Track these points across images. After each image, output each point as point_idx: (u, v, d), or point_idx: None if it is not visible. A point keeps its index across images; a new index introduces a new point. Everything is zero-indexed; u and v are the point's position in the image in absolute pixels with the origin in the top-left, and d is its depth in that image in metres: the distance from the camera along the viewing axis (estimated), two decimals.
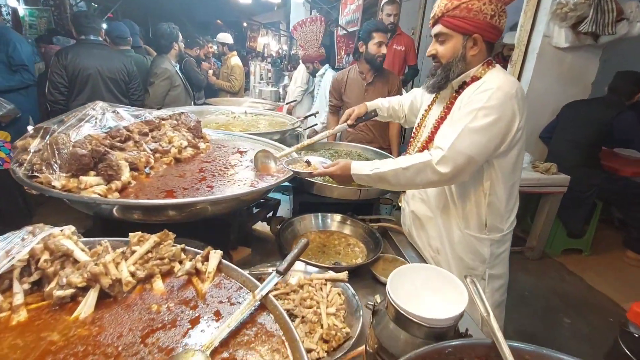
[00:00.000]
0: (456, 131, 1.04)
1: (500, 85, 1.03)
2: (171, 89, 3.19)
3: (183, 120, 1.57)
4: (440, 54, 1.14)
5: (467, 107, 1.06)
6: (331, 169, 1.20)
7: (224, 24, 14.68)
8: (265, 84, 5.10)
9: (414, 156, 1.11)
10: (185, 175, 1.24)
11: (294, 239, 1.39)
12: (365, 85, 2.41)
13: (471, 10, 1.04)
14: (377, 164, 1.15)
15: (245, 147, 1.60)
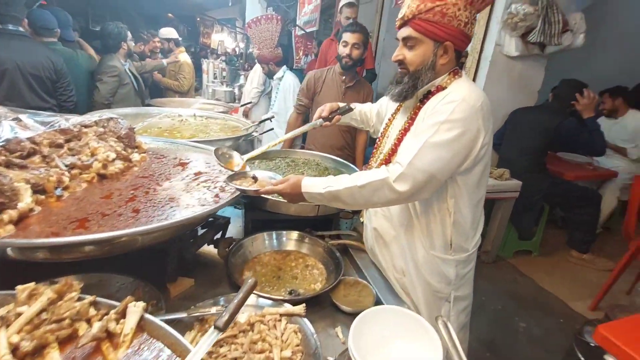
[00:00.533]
0: (417, 146, 0.96)
1: (465, 97, 0.96)
2: (120, 86, 3.05)
3: (111, 127, 1.34)
4: (408, 60, 1.04)
5: (430, 120, 0.98)
6: (280, 186, 1.06)
7: (175, 18, 13.89)
8: (219, 84, 4.80)
9: (370, 173, 1.01)
10: (110, 196, 1.04)
11: (245, 263, 1.24)
12: (344, 88, 2.32)
13: (445, 15, 0.95)
14: (331, 182, 1.04)
15: (189, 157, 1.41)
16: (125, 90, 3.11)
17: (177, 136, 1.90)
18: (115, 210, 0.94)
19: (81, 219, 0.86)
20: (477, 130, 0.97)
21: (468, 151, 0.98)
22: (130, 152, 1.31)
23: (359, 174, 1.04)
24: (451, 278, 1.13)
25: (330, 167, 1.80)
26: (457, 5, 0.95)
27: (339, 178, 1.05)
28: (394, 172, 0.97)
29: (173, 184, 1.12)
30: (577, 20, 2.38)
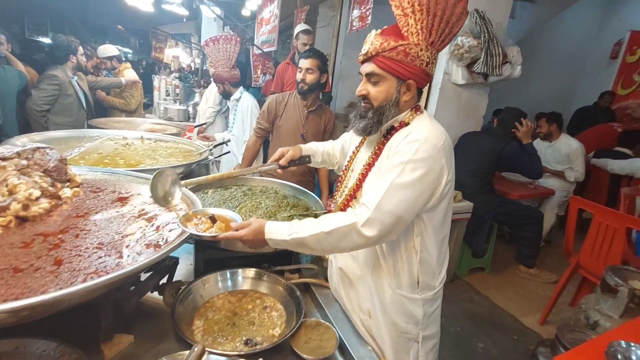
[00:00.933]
0: (383, 187, 0.95)
1: (428, 137, 0.97)
2: (61, 97, 2.99)
3: (37, 159, 1.17)
4: (372, 95, 1.05)
5: (395, 159, 0.98)
6: (241, 232, 1.00)
7: (126, 31, 13.22)
8: (172, 101, 4.57)
9: (337, 217, 0.98)
10: (30, 244, 0.88)
11: (195, 310, 1.11)
12: (306, 112, 2.33)
13: (408, 54, 0.97)
14: (296, 227, 1.00)
15: (131, 190, 1.27)
16: (68, 102, 3.04)
17: (119, 163, 1.73)
18: (33, 264, 0.79)
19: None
20: (441, 169, 0.98)
21: (433, 190, 0.98)
22: (59, 188, 1.15)
23: (325, 219, 1.00)
24: (419, 318, 1.11)
25: (289, 194, 1.74)
26: (419, 46, 0.97)
27: (304, 223, 1.01)
28: (361, 216, 0.95)
29: (107, 226, 0.98)
30: (514, 53, 2.61)
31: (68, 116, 3.04)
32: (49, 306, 0.71)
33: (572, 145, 3.63)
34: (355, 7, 3.85)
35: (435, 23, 0.96)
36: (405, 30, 0.98)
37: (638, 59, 5.53)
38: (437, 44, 0.99)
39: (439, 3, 0.95)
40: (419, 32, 0.97)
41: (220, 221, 1.06)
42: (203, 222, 1.03)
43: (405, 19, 0.97)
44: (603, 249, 2.13)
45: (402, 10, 0.97)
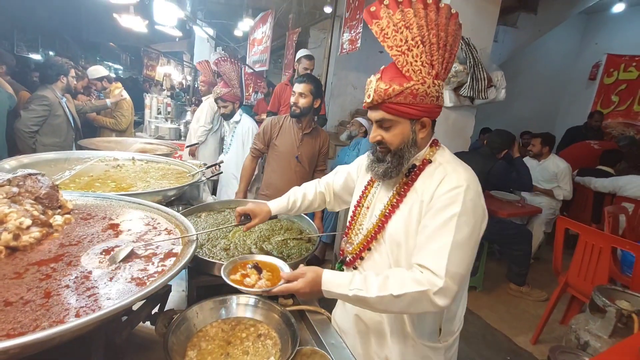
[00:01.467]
0: (445, 249, 0.90)
1: (469, 183, 0.94)
2: (50, 117, 2.98)
3: (28, 186, 1.15)
4: (387, 140, 1.01)
5: (444, 213, 0.93)
6: (297, 284, 0.95)
7: (117, 48, 13.29)
8: (163, 120, 4.57)
9: (405, 279, 0.92)
10: (23, 275, 0.87)
11: (188, 340, 1.09)
12: (301, 135, 2.37)
13: (417, 95, 0.92)
14: (358, 283, 0.93)
15: (122, 216, 1.26)
16: (57, 122, 3.03)
17: (110, 186, 1.71)
18: (22, 297, 0.78)
19: None
20: (483, 214, 0.96)
21: (480, 236, 0.97)
22: (50, 215, 1.14)
23: (392, 279, 0.93)
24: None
25: (283, 218, 1.74)
26: (425, 84, 0.92)
27: (368, 279, 0.95)
28: (433, 283, 0.89)
29: (97, 258, 0.96)
30: (499, 77, 2.72)
31: (57, 137, 3.03)
32: (41, 344, 0.69)
33: (560, 165, 3.76)
34: (346, 31, 3.98)
35: (434, 52, 0.92)
36: (406, 70, 0.92)
37: (615, 80, 5.81)
38: (442, 73, 0.95)
39: (432, 29, 0.91)
40: (420, 68, 0.92)
41: (265, 269, 1.01)
42: (249, 274, 0.99)
43: (403, 58, 0.92)
44: (590, 268, 2.18)
45: (398, 49, 0.92)
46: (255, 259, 1.05)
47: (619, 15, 5.90)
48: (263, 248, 1.40)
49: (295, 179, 2.40)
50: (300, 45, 5.66)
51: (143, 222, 1.22)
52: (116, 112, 3.72)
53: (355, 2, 3.90)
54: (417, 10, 0.91)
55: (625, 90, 5.66)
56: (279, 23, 5.70)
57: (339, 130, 6.09)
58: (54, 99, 2.99)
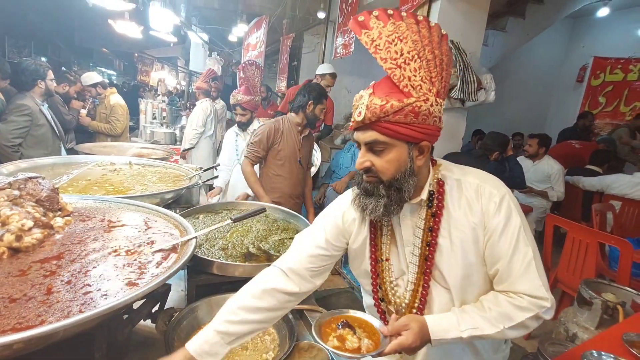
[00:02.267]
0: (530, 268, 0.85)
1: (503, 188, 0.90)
2: (33, 127, 2.71)
3: (30, 189, 1.18)
4: (379, 167, 0.85)
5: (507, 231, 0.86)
6: (407, 340, 0.82)
7: (111, 53, 13.26)
8: (158, 125, 4.58)
9: (511, 311, 0.85)
10: (26, 272, 0.90)
11: (188, 337, 1.12)
12: (301, 138, 2.40)
13: (419, 114, 0.79)
14: (468, 321, 0.85)
15: (120, 218, 1.28)
16: (41, 132, 2.77)
17: (108, 190, 1.73)
18: (26, 294, 0.80)
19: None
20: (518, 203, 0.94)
21: None
22: (51, 217, 1.16)
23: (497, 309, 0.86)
24: None
25: (279, 218, 1.77)
26: (428, 101, 0.79)
27: (472, 315, 0.86)
28: (540, 306, 0.84)
29: (96, 258, 0.99)
30: (488, 80, 2.79)
31: (43, 148, 2.79)
32: (45, 338, 0.72)
33: (554, 167, 3.84)
34: (339, 36, 4.04)
35: (432, 68, 0.81)
36: (404, 85, 0.79)
37: (602, 82, 5.96)
38: (442, 92, 0.83)
39: (426, 46, 0.81)
40: (420, 84, 0.79)
41: (357, 326, 0.91)
42: (344, 335, 0.87)
43: (400, 72, 0.79)
44: (578, 263, 2.24)
45: (393, 62, 0.80)
46: (340, 316, 0.93)
47: (604, 19, 6.07)
48: (260, 247, 1.43)
49: (297, 181, 2.46)
50: (295, 49, 5.73)
51: (142, 223, 1.25)
52: (111, 118, 3.72)
53: (348, 8, 3.97)
54: (409, 24, 0.82)
55: (612, 91, 5.80)
56: (273, 28, 5.76)
57: (334, 134, 6.15)
58: (34, 107, 2.72)
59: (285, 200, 2.38)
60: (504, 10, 5.21)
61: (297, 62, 6.12)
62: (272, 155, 2.37)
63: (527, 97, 7.04)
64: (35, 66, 2.75)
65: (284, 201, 2.35)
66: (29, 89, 2.75)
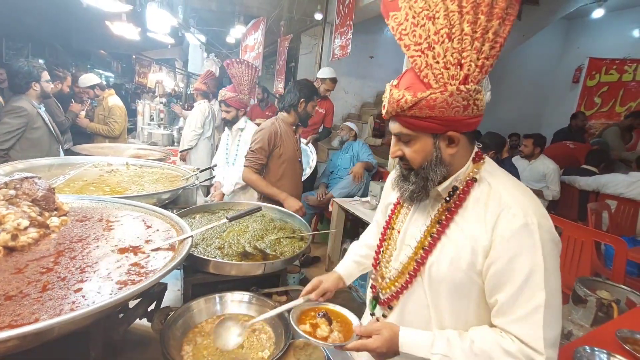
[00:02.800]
0: (536, 315, 0.74)
1: (539, 218, 0.76)
2: (28, 130, 2.64)
3: (26, 189, 1.18)
4: (408, 156, 0.86)
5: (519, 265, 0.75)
6: (373, 343, 0.83)
7: (108, 55, 13.26)
8: (156, 126, 4.59)
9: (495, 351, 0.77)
10: (22, 270, 0.90)
11: (184, 335, 1.13)
12: (297, 138, 2.37)
13: (435, 106, 0.75)
14: (442, 347, 0.80)
15: (117, 217, 1.29)
16: (37, 136, 2.70)
17: (105, 190, 1.74)
18: (22, 291, 0.81)
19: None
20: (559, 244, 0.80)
21: None
22: (47, 217, 1.16)
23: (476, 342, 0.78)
24: None
25: (276, 218, 1.78)
26: (447, 92, 0.74)
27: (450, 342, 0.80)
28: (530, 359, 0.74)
29: (92, 256, 0.99)
30: (483, 81, 2.81)
31: (38, 152, 2.70)
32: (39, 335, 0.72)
33: (550, 167, 3.87)
34: (337, 37, 4.06)
35: (466, 47, 0.73)
36: (424, 75, 0.76)
37: (597, 82, 6.00)
38: (475, 74, 0.74)
39: (467, 14, 0.72)
40: (442, 72, 0.74)
41: (335, 320, 0.94)
42: (319, 324, 0.92)
43: (422, 59, 0.76)
44: (574, 261, 2.26)
45: (416, 48, 0.76)
46: (323, 307, 0.99)
47: (599, 20, 6.12)
48: (257, 247, 1.44)
49: (299, 181, 2.47)
50: (292, 50, 5.75)
51: (139, 223, 1.26)
52: (109, 119, 3.72)
53: (345, 9, 3.99)
54: None
55: (607, 92, 5.85)
56: (270, 30, 5.78)
57: (332, 136, 6.17)
58: (31, 110, 2.66)
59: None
60: None
61: (295, 64, 6.14)
62: (273, 160, 2.29)
63: (524, 98, 7.08)
64: (29, 67, 2.69)
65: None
66: (23, 92, 2.70)
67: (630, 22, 5.87)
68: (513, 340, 0.76)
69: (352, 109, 6.40)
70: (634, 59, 5.60)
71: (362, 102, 6.41)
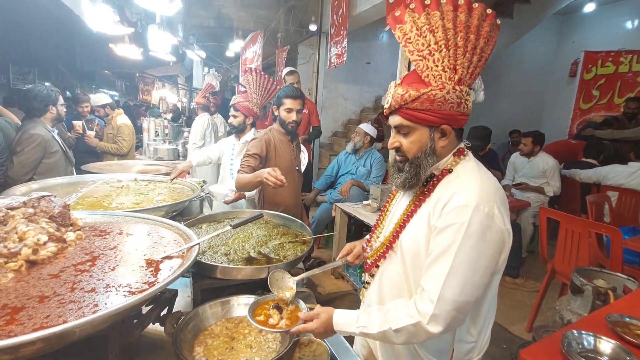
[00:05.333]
0: (442, 274, 0.87)
1: (478, 202, 0.86)
2: (46, 156, 2.66)
3: (43, 207, 1.27)
4: (405, 147, 0.99)
5: (446, 234, 0.88)
6: (312, 325, 1.00)
7: (113, 75, 13.57)
8: (161, 142, 4.72)
9: (403, 313, 0.92)
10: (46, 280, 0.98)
11: (195, 338, 1.20)
12: (294, 146, 2.35)
13: (434, 101, 0.89)
14: (364, 320, 0.96)
15: (128, 230, 1.37)
16: (53, 160, 2.72)
17: (112, 205, 1.83)
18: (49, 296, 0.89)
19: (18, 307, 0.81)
20: (501, 236, 0.89)
21: (497, 260, 0.90)
22: (64, 232, 1.25)
23: (393, 312, 0.94)
24: None
25: (279, 223, 1.85)
26: (444, 90, 0.88)
27: (371, 315, 0.96)
28: (424, 312, 0.87)
29: (108, 265, 1.08)
30: (476, 81, 2.87)
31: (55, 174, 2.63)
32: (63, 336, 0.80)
33: (549, 162, 3.89)
34: (332, 46, 4.17)
35: (459, 56, 0.88)
36: (425, 75, 0.90)
37: (594, 75, 6.02)
38: (467, 78, 0.90)
39: (460, 32, 0.88)
40: (441, 74, 0.88)
41: (287, 310, 1.12)
42: (272, 314, 1.11)
43: (423, 63, 0.90)
44: (572, 252, 2.29)
45: (419, 54, 0.91)
46: (276, 298, 1.16)
47: (591, 14, 6.16)
48: (261, 252, 1.51)
49: (298, 189, 2.44)
50: (290, 61, 5.88)
51: (149, 233, 1.34)
52: (118, 137, 3.86)
53: (338, 19, 4.10)
54: (445, 12, 0.89)
55: (605, 84, 5.86)
56: (268, 42, 5.93)
57: (332, 142, 6.25)
58: (46, 135, 2.67)
59: (290, 211, 2.25)
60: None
61: None
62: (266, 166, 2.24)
63: (522, 95, 7.11)
64: (47, 91, 2.73)
65: (288, 212, 2.28)
66: (39, 115, 2.71)
67: (623, 14, 5.91)
68: (422, 297, 0.90)
69: (352, 114, 6.49)
70: (628, 51, 5.62)
71: (362, 107, 6.50)
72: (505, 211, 0.92)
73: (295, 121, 2.22)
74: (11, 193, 1.78)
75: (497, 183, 0.96)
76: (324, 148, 5.95)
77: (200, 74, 7.77)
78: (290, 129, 2.25)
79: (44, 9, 5.44)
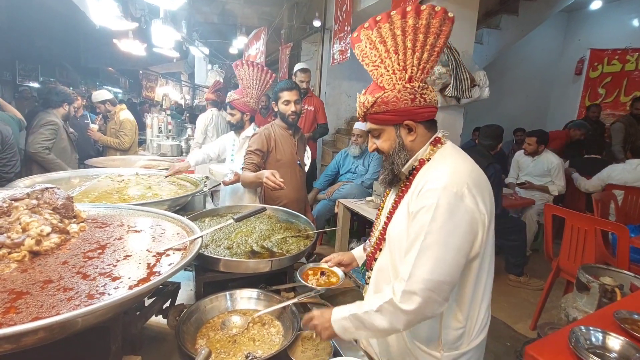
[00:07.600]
0: (413, 254, 0.91)
1: (447, 184, 0.89)
2: (58, 140, 3.13)
3: (46, 198, 1.27)
4: (379, 147, 1.08)
5: (417, 218, 0.92)
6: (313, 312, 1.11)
7: (117, 72, 13.61)
8: (164, 138, 4.72)
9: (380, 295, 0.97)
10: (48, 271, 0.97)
11: (197, 330, 1.19)
12: (295, 140, 2.34)
13: (388, 102, 0.97)
14: (354, 307, 1.02)
15: (131, 222, 1.36)
16: (62, 146, 3.17)
17: (116, 199, 1.83)
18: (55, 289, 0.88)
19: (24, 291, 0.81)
20: (471, 215, 0.90)
21: (471, 241, 0.91)
22: (67, 224, 1.25)
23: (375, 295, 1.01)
24: None
25: (282, 218, 1.84)
26: (394, 90, 0.96)
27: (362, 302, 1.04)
28: (397, 290, 0.91)
29: (111, 257, 1.07)
30: (481, 77, 2.85)
31: (65, 157, 3.19)
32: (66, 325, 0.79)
33: (554, 161, 3.86)
34: (336, 42, 4.15)
35: (409, 57, 0.96)
36: (380, 82, 0.99)
37: (600, 73, 5.96)
38: (418, 75, 0.97)
39: (408, 35, 0.96)
40: (391, 77, 0.97)
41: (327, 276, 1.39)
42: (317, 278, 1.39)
43: (377, 71, 1.00)
44: (578, 250, 2.26)
45: (373, 64, 1.01)
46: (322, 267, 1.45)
47: (598, 11, 6.09)
48: (264, 246, 1.50)
49: (301, 184, 2.43)
50: (294, 58, 5.86)
51: (152, 226, 1.33)
52: (120, 132, 3.88)
53: (342, 15, 4.08)
54: (394, 21, 0.97)
55: (611, 82, 5.80)
56: (272, 38, 5.91)
57: (335, 138, 6.23)
58: (59, 123, 3.16)
59: (292, 206, 2.27)
60: (497, 8, 5.28)
61: None
62: (271, 164, 2.27)
63: (527, 92, 7.06)
64: (67, 92, 3.27)
65: (290, 207, 2.29)
66: (54, 107, 3.18)
67: (629, 11, 5.84)
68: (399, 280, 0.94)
69: (355, 112, 6.43)
70: (635, 48, 5.55)
71: None
72: (479, 192, 0.92)
73: (295, 112, 2.21)
74: (15, 185, 1.78)
75: (474, 166, 0.99)
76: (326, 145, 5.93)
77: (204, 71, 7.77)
78: (291, 121, 2.24)
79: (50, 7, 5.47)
